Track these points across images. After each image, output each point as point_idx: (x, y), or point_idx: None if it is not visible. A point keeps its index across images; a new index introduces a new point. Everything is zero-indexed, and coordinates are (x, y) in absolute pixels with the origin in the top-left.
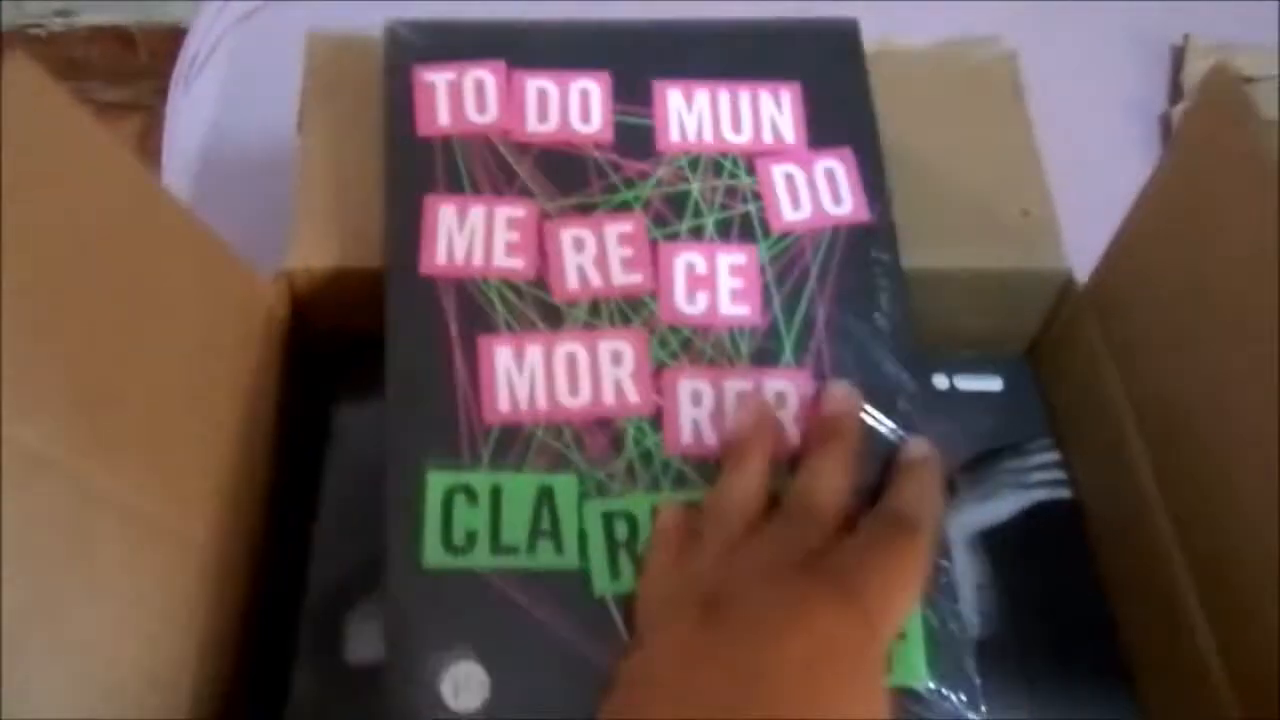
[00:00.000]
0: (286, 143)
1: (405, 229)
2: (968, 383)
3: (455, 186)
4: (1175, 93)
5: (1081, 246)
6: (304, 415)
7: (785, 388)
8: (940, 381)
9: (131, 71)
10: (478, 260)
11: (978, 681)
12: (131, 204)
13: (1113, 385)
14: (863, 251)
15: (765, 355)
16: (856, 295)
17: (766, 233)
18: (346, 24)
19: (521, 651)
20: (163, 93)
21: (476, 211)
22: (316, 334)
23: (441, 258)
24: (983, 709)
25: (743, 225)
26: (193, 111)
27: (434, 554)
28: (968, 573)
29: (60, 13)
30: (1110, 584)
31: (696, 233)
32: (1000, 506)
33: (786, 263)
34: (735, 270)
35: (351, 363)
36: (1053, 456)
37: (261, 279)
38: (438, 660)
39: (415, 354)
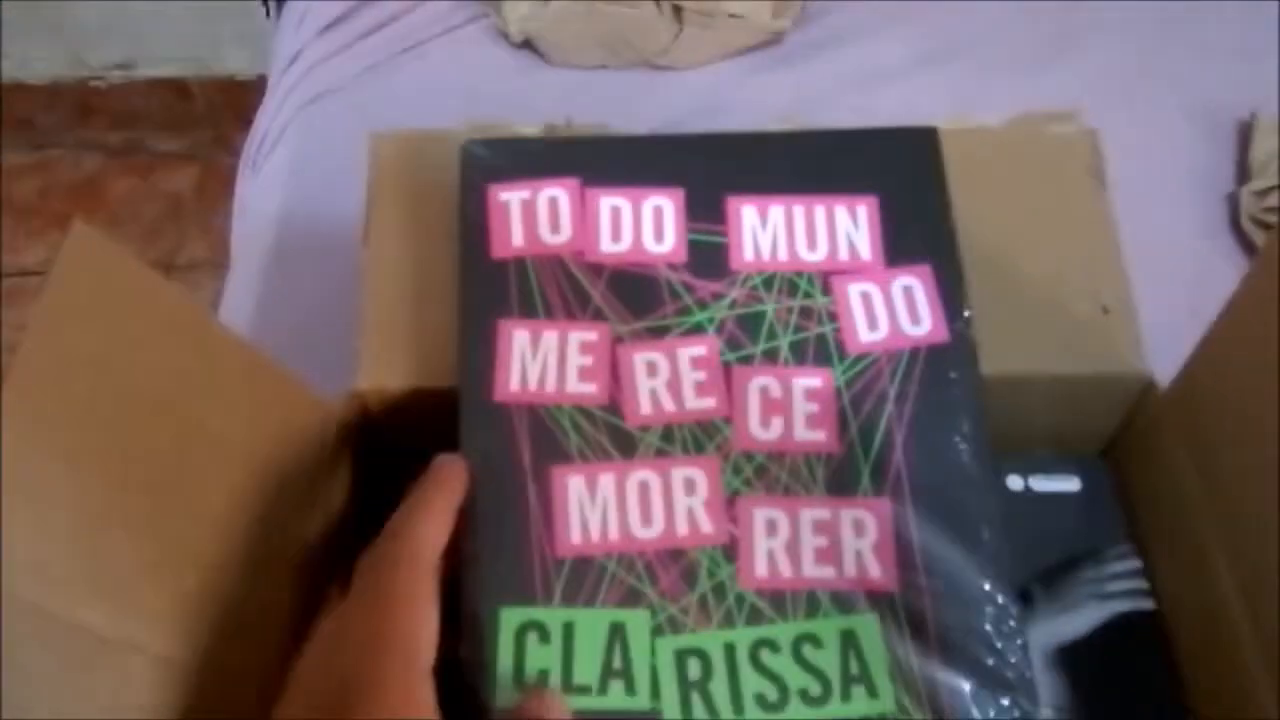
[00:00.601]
0: (352, 224)
1: (479, 354)
2: (1044, 484)
3: (529, 310)
4: (1242, 172)
5: (1149, 331)
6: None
7: (863, 516)
8: (1015, 483)
9: (188, 122)
10: (551, 386)
11: None
12: (199, 358)
13: (1194, 492)
14: (941, 372)
15: (842, 483)
16: (936, 419)
17: (842, 355)
18: (412, 111)
19: None
20: (219, 142)
21: (550, 336)
22: (389, 451)
23: (515, 384)
24: None
25: (818, 347)
26: (262, 196)
27: (505, 694)
28: (1048, 693)
29: (120, 65)
30: (1195, 704)
31: (771, 355)
32: (1079, 620)
33: (863, 386)
34: (810, 394)
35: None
36: (1133, 565)
37: (329, 404)
38: None
39: (488, 486)
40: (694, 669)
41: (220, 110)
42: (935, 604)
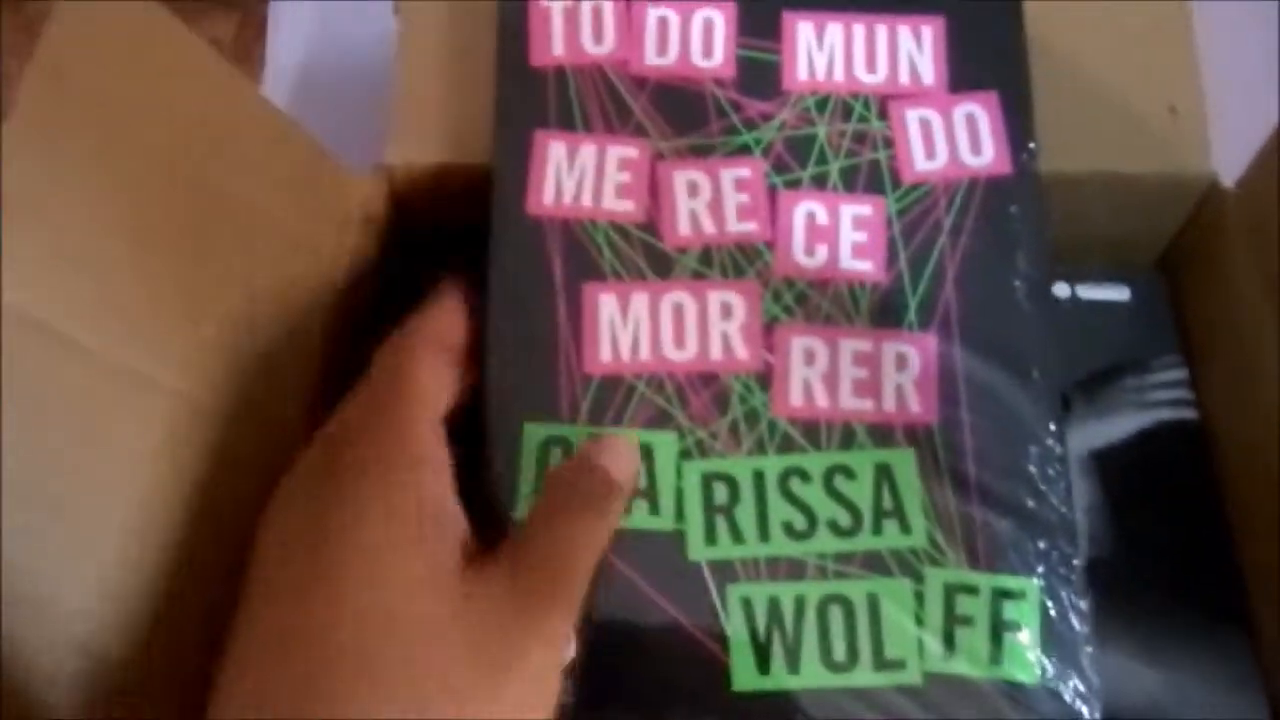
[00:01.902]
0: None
1: (513, 165)
2: (1092, 292)
3: (567, 122)
4: None
5: (1224, 144)
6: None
7: (907, 351)
8: (1061, 290)
9: None
10: (587, 201)
11: (1096, 681)
12: (225, 114)
13: (1254, 304)
14: (1002, 206)
15: (887, 315)
16: (992, 254)
17: (896, 183)
18: None
19: (610, 609)
20: None
21: (587, 150)
22: (418, 228)
23: (549, 198)
24: (1098, 710)
25: (871, 174)
26: (296, 14)
27: (528, 507)
28: (1080, 495)
29: None
30: (1234, 515)
31: (820, 181)
32: (1118, 426)
33: (916, 216)
34: (859, 222)
35: (452, 252)
36: (1178, 375)
37: (357, 177)
38: None
39: (517, 299)
40: (721, 494)
41: None
42: (976, 441)
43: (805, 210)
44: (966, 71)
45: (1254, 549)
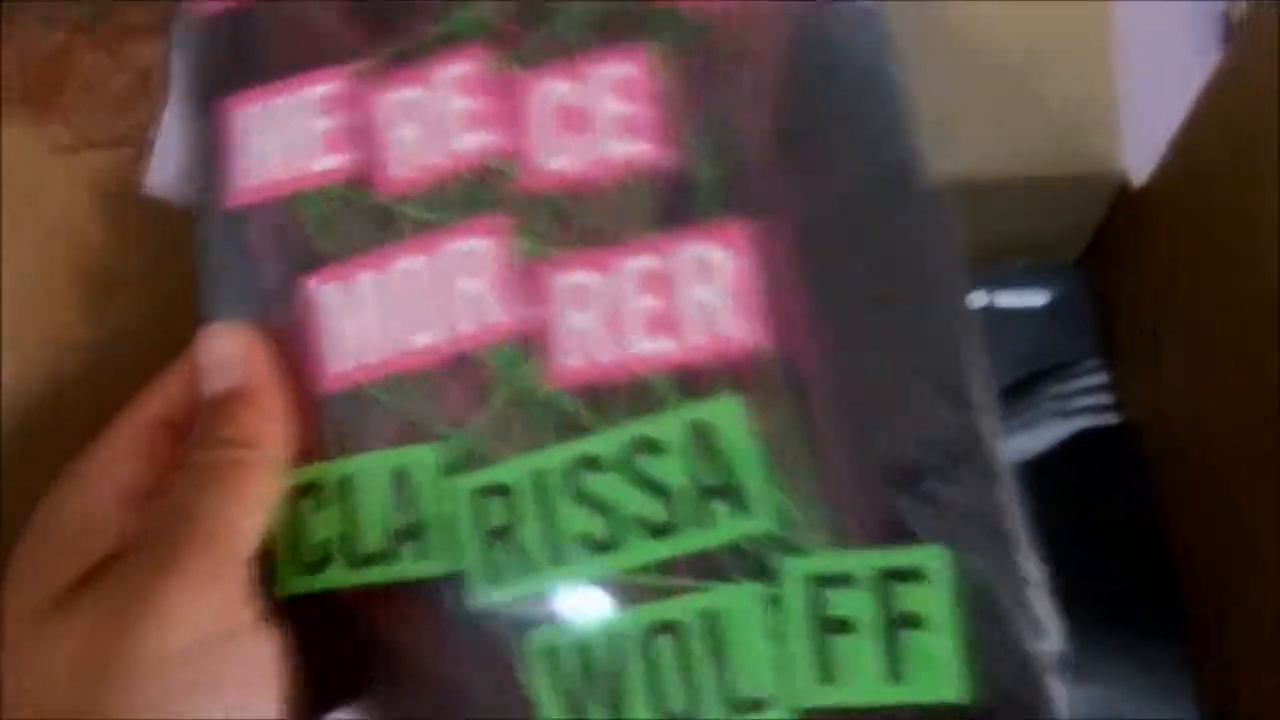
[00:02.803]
0: None
1: (205, 150)
2: (1009, 298)
3: (255, 75)
4: None
5: (1140, 139)
6: None
7: (709, 253)
8: (978, 299)
9: None
10: (291, 171)
11: (1059, 691)
12: None
13: (1168, 301)
14: (821, 29)
15: (679, 208)
16: (827, 76)
17: (670, 19)
18: None
19: (394, 688)
20: None
21: (282, 103)
22: None
23: (250, 179)
24: None
25: (627, 16)
26: None
27: (287, 579)
28: None
29: None
30: (1163, 517)
31: (560, 44)
32: (1040, 436)
33: (701, 62)
34: (621, 87)
35: None
36: (1099, 380)
37: None
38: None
39: (235, 312)
40: (498, 512)
41: None
42: (834, 360)
43: (550, 93)
44: None
45: (1185, 552)
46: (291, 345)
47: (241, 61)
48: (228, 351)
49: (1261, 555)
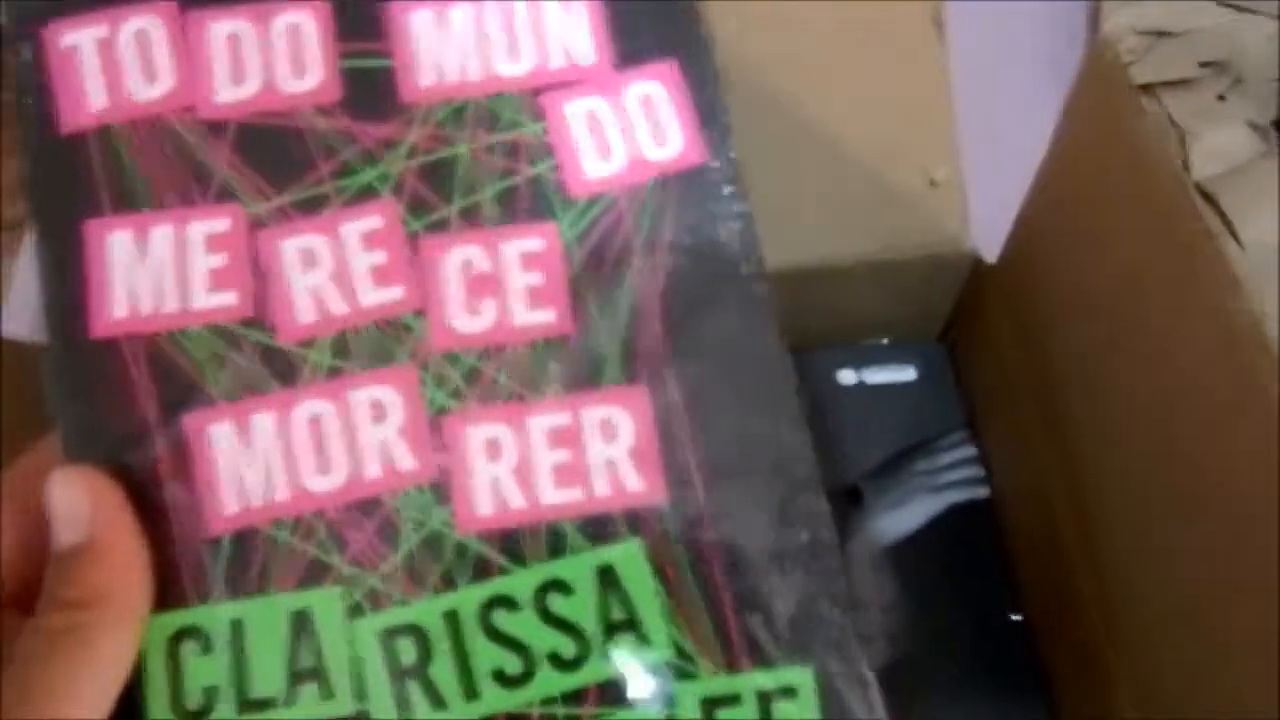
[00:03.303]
0: None
1: (63, 273)
2: (878, 375)
3: (126, 200)
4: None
5: (988, 216)
6: None
7: (613, 414)
8: (847, 376)
9: None
10: (172, 305)
11: None
12: None
13: (1018, 370)
14: (702, 203)
15: (583, 373)
16: (702, 266)
17: (566, 201)
18: None
19: None
20: None
21: (161, 233)
22: None
23: (120, 310)
24: None
25: (534, 194)
26: None
27: (166, 715)
28: (875, 593)
29: None
30: (1024, 589)
31: (471, 215)
32: (910, 515)
33: (599, 238)
34: (530, 260)
35: None
36: (968, 452)
37: None
38: None
39: (101, 458)
40: (407, 652)
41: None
42: (716, 511)
43: (459, 258)
44: (634, 40)
45: (1044, 624)
46: (167, 485)
47: (114, 184)
48: (74, 500)
49: (1118, 625)
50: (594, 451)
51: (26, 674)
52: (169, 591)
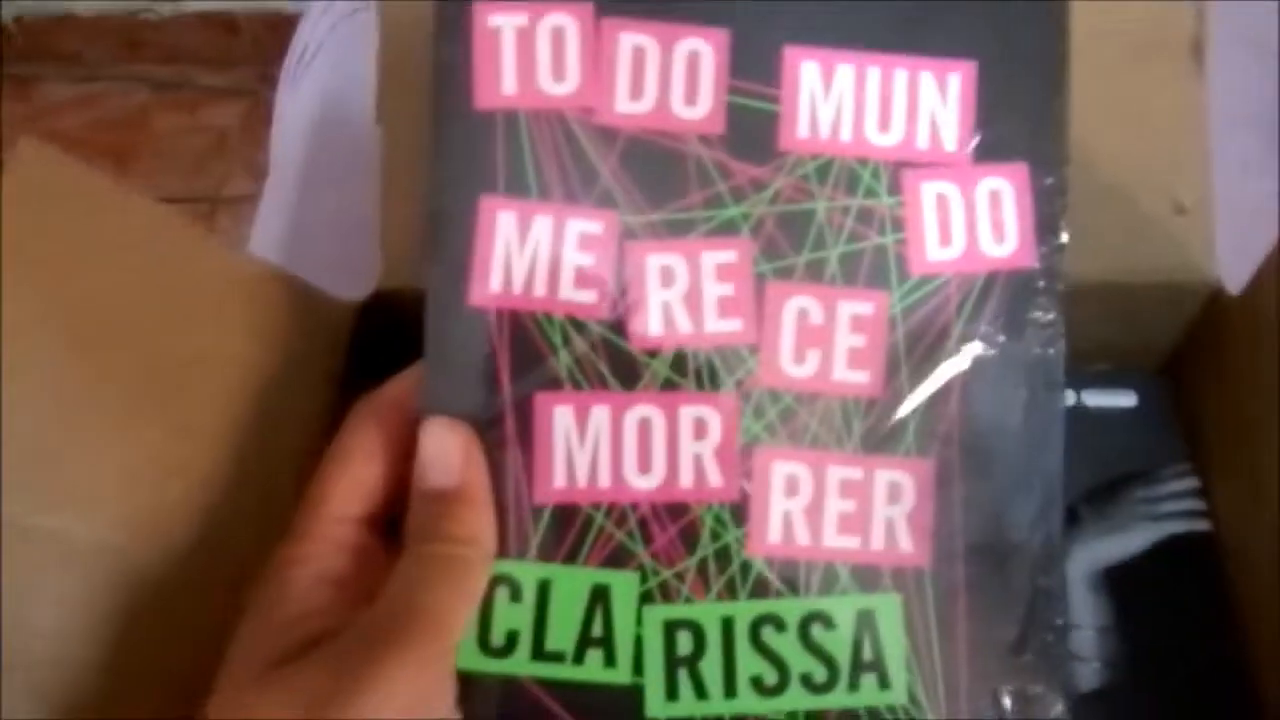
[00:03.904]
0: None
1: (455, 240)
2: (1097, 399)
3: (519, 185)
4: None
5: (1230, 246)
6: None
7: (901, 480)
8: (1066, 397)
9: (235, 57)
10: (540, 290)
11: None
12: (177, 270)
13: (1260, 409)
14: (1020, 309)
15: (881, 437)
16: (1005, 370)
17: (904, 276)
18: None
19: None
20: (264, 79)
21: (542, 223)
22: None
23: (497, 283)
24: None
25: (875, 263)
26: (300, 103)
27: (468, 656)
28: (1090, 614)
29: None
30: (1246, 629)
31: (816, 270)
32: (1128, 541)
33: (923, 318)
34: (858, 323)
35: None
36: (1190, 484)
37: (336, 306)
38: None
39: (458, 409)
40: (684, 643)
41: (266, 45)
42: (970, 589)
43: (797, 307)
44: (996, 133)
45: (1269, 663)
46: (509, 449)
47: (511, 166)
48: (450, 448)
49: None
50: (877, 509)
51: (414, 589)
52: (497, 543)
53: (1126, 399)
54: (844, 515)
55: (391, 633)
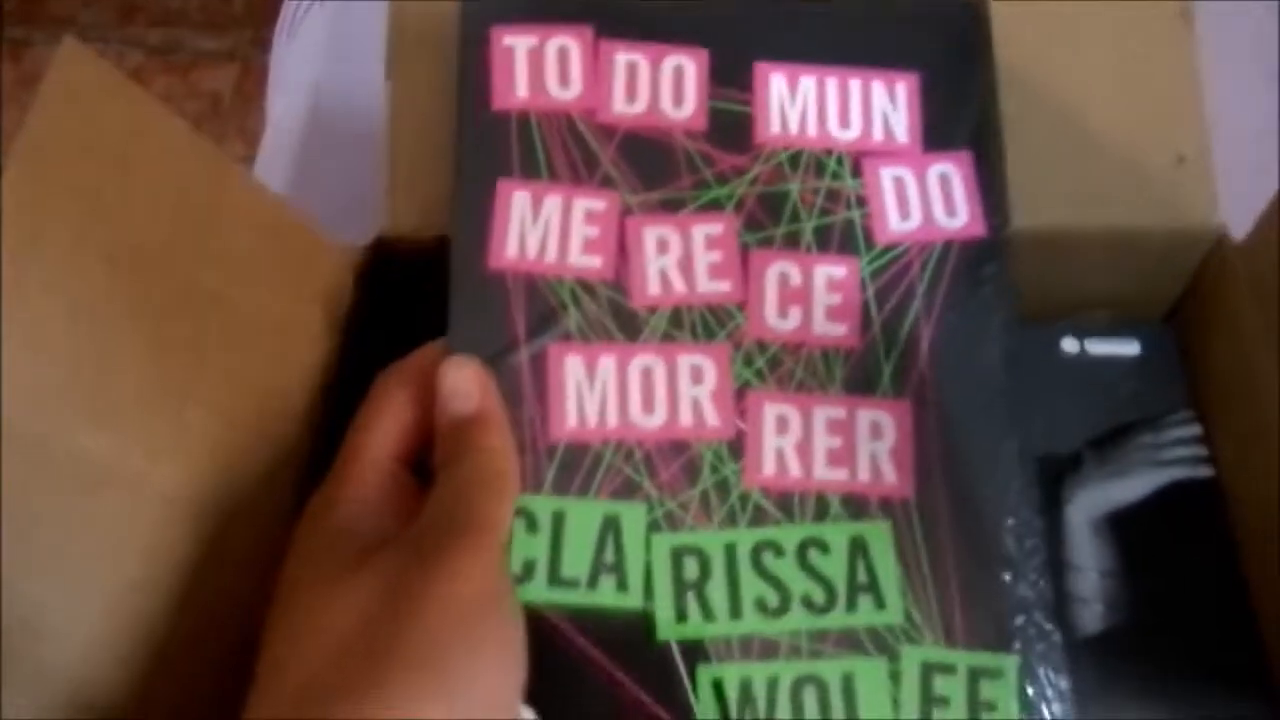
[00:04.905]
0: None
1: (474, 216)
2: (1101, 347)
3: (531, 170)
4: None
5: (1234, 194)
6: None
7: (881, 419)
8: (1070, 345)
9: (227, 21)
10: (551, 256)
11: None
12: (207, 187)
13: (1262, 357)
14: (975, 270)
15: (861, 381)
16: (965, 319)
17: (870, 244)
18: None
19: (575, 697)
20: (258, 43)
21: (552, 201)
22: (411, 299)
23: (513, 251)
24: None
25: (844, 234)
26: (296, 61)
27: None
28: (1093, 558)
29: None
30: (1251, 573)
31: (793, 239)
32: (1132, 485)
33: (890, 279)
34: (833, 284)
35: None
36: (1193, 431)
37: (349, 248)
38: None
39: (480, 358)
40: (691, 568)
41: (260, 10)
42: (951, 515)
43: (778, 270)
44: (940, 129)
45: (1271, 607)
46: (529, 395)
47: (524, 155)
48: (466, 379)
49: None
50: (861, 444)
51: (466, 492)
52: None
53: (1130, 348)
54: (831, 450)
55: (453, 526)
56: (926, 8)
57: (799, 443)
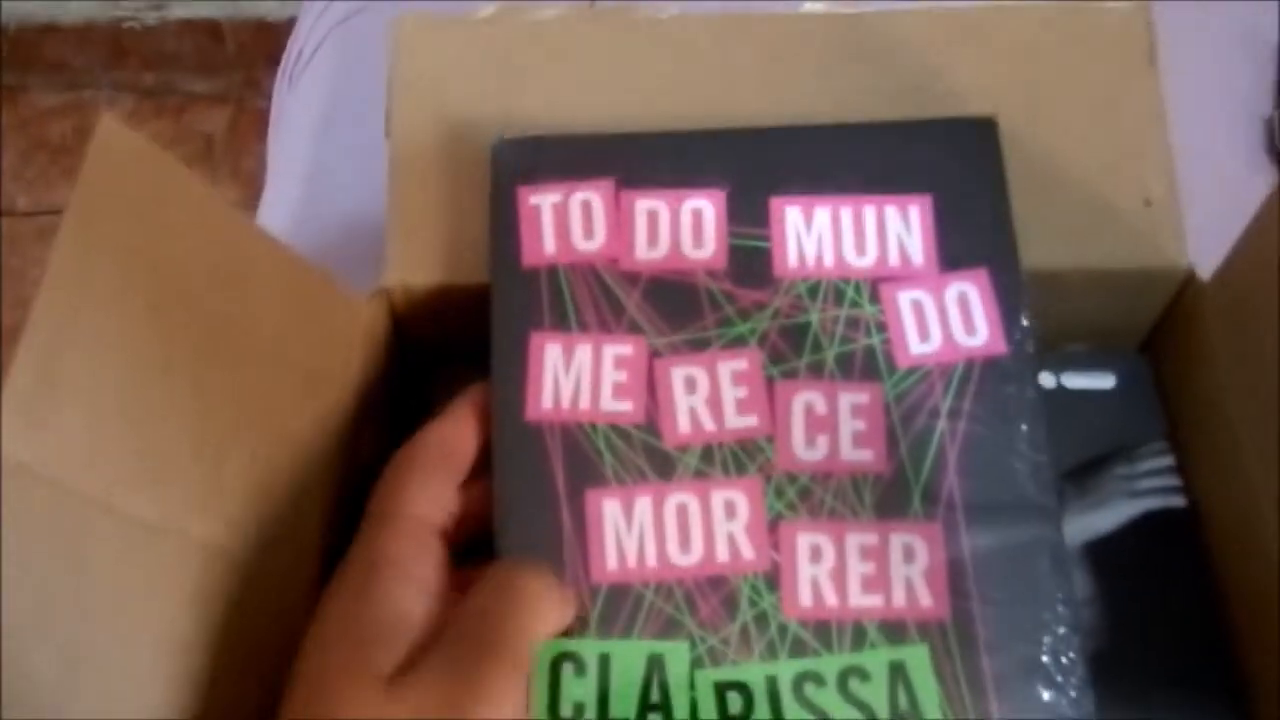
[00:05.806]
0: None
1: (511, 368)
2: (1077, 380)
3: (561, 321)
4: None
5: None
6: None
7: (913, 542)
8: (1046, 380)
9: (220, 64)
10: (585, 404)
11: None
12: (230, 252)
13: (1231, 390)
14: (998, 386)
15: (891, 505)
16: (991, 436)
17: (892, 368)
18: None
19: None
20: (250, 85)
21: (583, 350)
22: (417, 349)
23: (548, 402)
24: None
25: (866, 359)
26: (299, 108)
27: None
28: (1075, 587)
29: (153, 6)
30: (1225, 599)
31: (816, 369)
32: (1108, 516)
33: (913, 401)
34: (858, 410)
35: (450, 377)
36: (1166, 462)
37: (360, 299)
38: None
39: (522, 508)
40: (735, 703)
41: (252, 52)
42: (989, 633)
43: (804, 401)
44: (956, 249)
45: (1248, 635)
46: (569, 540)
47: (554, 308)
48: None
49: None
50: (895, 568)
51: (499, 608)
52: None
53: (1105, 381)
54: (865, 576)
55: (490, 647)
56: (937, 128)
57: (833, 571)
